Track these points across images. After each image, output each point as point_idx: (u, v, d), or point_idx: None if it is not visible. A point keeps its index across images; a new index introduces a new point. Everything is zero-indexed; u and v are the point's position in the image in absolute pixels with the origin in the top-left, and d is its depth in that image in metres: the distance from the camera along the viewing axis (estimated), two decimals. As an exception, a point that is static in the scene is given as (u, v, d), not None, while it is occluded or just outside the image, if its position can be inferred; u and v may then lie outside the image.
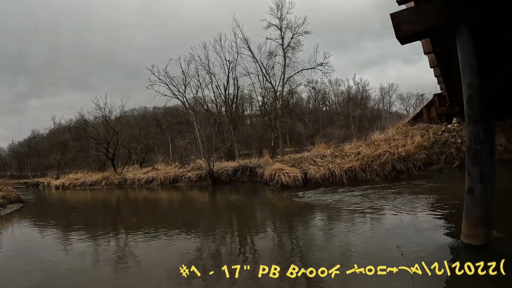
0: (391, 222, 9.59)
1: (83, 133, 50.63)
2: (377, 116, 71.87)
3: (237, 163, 29.73)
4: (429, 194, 13.06)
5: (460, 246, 6.71)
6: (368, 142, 23.11)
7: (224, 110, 44.65)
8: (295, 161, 23.69)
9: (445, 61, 12.40)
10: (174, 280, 6.63)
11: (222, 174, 27.91)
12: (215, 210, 17.49)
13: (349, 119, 76.11)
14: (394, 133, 23.18)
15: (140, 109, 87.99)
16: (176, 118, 74.13)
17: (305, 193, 16.81)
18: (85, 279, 7.11)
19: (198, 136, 30.01)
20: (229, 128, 41.21)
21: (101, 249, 10.03)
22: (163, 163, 40.41)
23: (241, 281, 6.42)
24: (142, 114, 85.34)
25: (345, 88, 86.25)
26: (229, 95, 42.99)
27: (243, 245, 9.47)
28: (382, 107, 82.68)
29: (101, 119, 47.47)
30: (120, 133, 46.28)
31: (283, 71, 39.95)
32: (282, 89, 41.05)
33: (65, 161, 59.66)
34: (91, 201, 27.13)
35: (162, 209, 18.81)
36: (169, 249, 9.40)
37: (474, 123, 6.51)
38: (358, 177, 19.07)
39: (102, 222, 15.72)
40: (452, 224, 8.63)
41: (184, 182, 30.64)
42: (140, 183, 34.54)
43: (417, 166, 18.54)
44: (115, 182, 37.55)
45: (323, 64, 39.12)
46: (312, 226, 10.68)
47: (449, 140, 19.62)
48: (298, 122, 67.58)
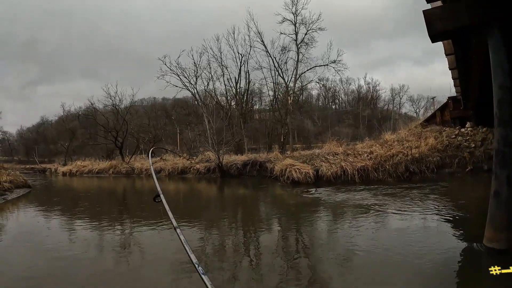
0: (407, 224, 9.40)
1: (92, 120, 50.87)
2: (387, 117, 71.66)
3: (247, 157, 29.78)
4: (444, 197, 12.89)
5: (483, 250, 6.54)
6: (381, 142, 22.89)
7: (234, 104, 44.59)
8: (306, 157, 23.63)
9: (463, 64, 12.40)
10: (176, 271, 6.63)
11: (231, 168, 27.83)
12: (224, 203, 17.42)
13: (358, 119, 75.91)
14: (407, 134, 22.97)
15: (149, 99, 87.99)
16: (185, 109, 74.07)
17: (317, 190, 16.72)
18: (88, 267, 7.07)
19: (208, 128, 30.04)
20: (239, 122, 41.19)
21: (105, 237, 9.92)
22: (171, 154, 40.43)
23: (243, 274, 6.47)
24: (151, 105, 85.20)
25: (356, 87, 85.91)
26: (240, 89, 43.05)
27: (248, 240, 9.41)
28: (392, 108, 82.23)
29: (111, 107, 47.66)
30: (129, 122, 46.34)
31: (296, 66, 39.69)
32: (294, 85, 40.86)
33: (73, 148, 59.92)
34: (98, 189, 27.12)
35: (169, 200, 18.23)
36: (173, 239, 9.23)
37: (503, 126, 6.38)
38: (370, 176, 18.88)
39: (108, 210, 15.66)
40: (472, 227, 8.45)
41: (192, 174, 30.63)
42: (148, 173, 34.44)
43: (430, 169, 18.32)
44: (123, 171, 37.69)
45: (336, 62, 38.80)
46: (325, 224, 10.60)
47: (462, 144, 19.40)
48: (307, 119, 67.30)
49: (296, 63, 39.55)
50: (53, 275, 6.67)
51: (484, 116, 18.93)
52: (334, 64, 38.86)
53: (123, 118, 44.81)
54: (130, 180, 31.91)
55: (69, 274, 6.70)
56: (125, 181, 31.37)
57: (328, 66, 39.20)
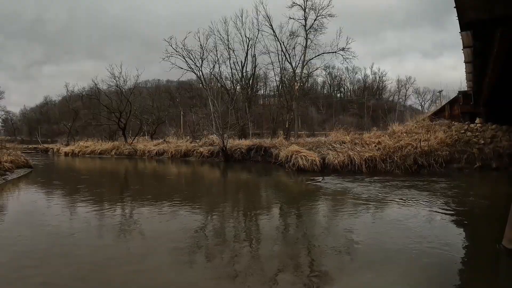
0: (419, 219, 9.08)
1: (95, 101, 50.72)
2: (392, 108, 71.28)
3: (251, 142, 29.70)
4: (453, 193, 12.55)
5: (503, 251, 6.29)
6: (389, 133, 22.58)
7: (239, 88, 44.25)
8: (312, 144, 23.46)
9: (482, 58, 12.08)
10: (176, 253, 6.62)
11: (235, 152, 27.81)
12: (228, 188, 17.33)
13: (363, 108, 75.72)
14: (415, 127, 22.62)
15: (153, 81, 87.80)
16: (190, 92, 74.08)
17: (324, 179, 16.57)
18: (88, 247, 7.04)
19: (213, 112, 29.85)
20: (244, 106, 40.85)
21: (106, 218, 9.84)
22: (175, 136, 40.24)
23: (242, 260, 6.37)
24: (156, 87, 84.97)
25: (362, 77, 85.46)
26: (246, 73, 42.58)
27: (251, 226, 9.31)
28: (397, 100, 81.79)
29: (115, 88, 47.39)
30: (132, 104, 46.05)
31: (304, 52, 38.97)
32: (301, 71, 40.37)
33: (75, 128, 59.64)
34: (100, 169, 27.07)
35: (171, 182, 18.67)
36: (174, 222, 9.36)
37: None
38: (378, 167, 18.56)
39: (109, 191, 15.61)
40: (488, 227, 8.25)
41: (195, 157, 30.71)
42: (150, 154, 34.57)
43: (439, 163, 17.97)
44: (125, 152, 37.58)
45: (345, 49, 38.09)
46: (330, 214, 10.45)
47: (471, 140, 19.07)
48: (312, 107, 67.01)
49: (304, 49, 38.89)
50: (53, 255, 6.63)
51: (495, 113, 18.75)
52: (342, 51, 38.22)
53: (127, 99, 44.51)
54: (132, 162, 31.78)
55: (68, 253, 6.67)
56: (127, 163, 31.24)
57: (336, 53, 38.61)
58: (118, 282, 5.45)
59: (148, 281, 5.45)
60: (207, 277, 5.63)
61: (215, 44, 40.68)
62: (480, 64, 13.23)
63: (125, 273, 5.79)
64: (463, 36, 12.22)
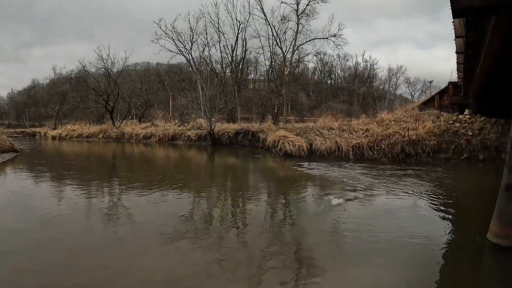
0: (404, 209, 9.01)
1: (83, 84, 49.92)
2: (382, 96, 71.25)
3: (239, 126, 29.62)
4: (439, 183, 12.47)
5: (487, 245, 6.20)
6: (377, 120, 22.48)
7: (229, 72, 43.89)
8: (299, 130, 23.38)
9: (474, 48, 12.02)
10: (163, 237, 6.56)
11: (223, 136, 27.80)
12: (215, 172, 17.22)
13: (353, 95, 75.49)
14: (404, 115, 22.49)
15: (143, 64, 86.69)
16: (179, 75, 73.62)
17: (310, 164, 16.54)
18: (70, 232, 6.86)
19: (201, 95, 29.61)
20: (233, 90, 40.57)
21: (94, 203, 9.65)
22: (163, 119, 39.97)
23: (228, 245, 6.35)
24: (145, 69, 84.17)
25: (353, 64, 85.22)
26: (236, 57, 42.23)
27: (237, 209, 9.32)
28: (388, 88, 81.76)
29: (103, 71, 46.71)
30: (121, 86, 45.54)
31: (295, 37, 38.80)
32: (292, 56, 40.12)
33: (63, 111, 59.01)
34: (87, 153, 26.69)
35: (158, 166, 18.49)
36: (162, 206, 9.24)
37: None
38: (365, 154, 18.49)
39: (97, 175, 15.24)
40: (474, 220, 8.09)
41: (183, 141, 30.64)
42: (138, 138, 34.40)
43: (426, 152, 17.93)
44: (113, 135, 37.27)
45: (337, 36, 37.98)
46: (315, 199, 10.28)
47: (459, 130, 18.98)
48: (302, 92, 66.73)
49: (295, 34, 38.69)
50: (32, 240, 6.43)
51: (484, 105, 18.66)
52: (334, 38, 38.11)
53: (115, 82, 43.93)
54: (120, 145, 31.52)
55: (48, 238, 6.54)
56: (115, 146, 30.98)
57: (328, 39, 38.44)
58: (93, 267, 5.27)
59: (124, 267, 5.31)
60: (188, 262, 5.53)
61: (205, 27, 40.65)
62: (471, 54, 13.09)
63: (103, 258, 5.63)
64: (456, 25, 12.07)
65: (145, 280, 4.91)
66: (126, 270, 5.23)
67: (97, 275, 5.03)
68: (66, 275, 5.03)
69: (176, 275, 5.11)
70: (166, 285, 4.84)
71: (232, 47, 41.45)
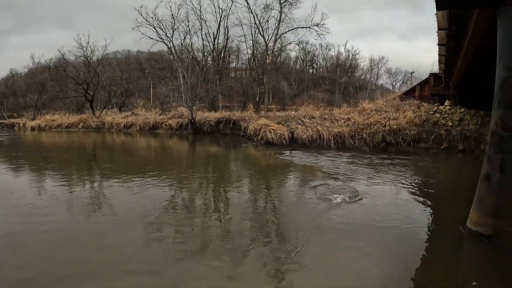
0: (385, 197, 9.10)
1: (63, 73, 48.69)
2: (363, 86, 71.67)
3: (220, 114, 29.62)
4: (419, 171, 12.70)
5: (467, 233, 6.34)
6: (359, 110, 22.63)
7: (210, 60, 43.60)
8: (281, 118, 23.46)
9: (456, 41, 12.29)
10: (145, 227, 6.59)
11: (204, 124, 27.76)
12: (196, 161, 17.16)
13: (334, 85, 75.87)
14: (385, 105, 22.69)
15: (123, 52, 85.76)
16: (160, 63, 73.06)
17: (292, 153, 16.72)
18: (51, 224, 6.78)
19: (182, 83, 29.34)
20: (215, 79, 40.32)
21: (76, 194, 9.45)
22: (144, 108, 39.63)
23: (211, 233, 6.39)
24: (125, 57, 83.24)
25: (335, 54, 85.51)
26: (218, 45, 41.90)
27: (219, 198, 9.37)
28: (369, 78, 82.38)
29: (82, 59, 45.59)
30: (101, 75, 44.78)
31: (277, 26, 38.47)
32: (274, 45, 39.90)
33: (42, 101, 57.85)
34: (67, 144, 26.16)
35: (139, 156, 18.32)
36: (144, 196, 9.13)
37: (504, 108, 6.01)
38: (346, 143, 18.67)
39: (77, 167, 14.94)
40: (453, 208, 8.16)
41: (163, 130, 30.45)
42: (119, 127, 33.94)
43: (407, 141, 18.13)
44: (93, 125, 36.62)
45: (319, 25, 37.70)
46: (296, 187, 10.44)
47: (440, 121, 19.17)
48: (283, 81, 66.78)
49: (278, 22, 38.39)
50: (13, 233, 6.38)
51: (464, 96, 19.03)
52: (317, 27, 37.76)
53: (95, 70, 43.04)
54: (100, 135, 31.07)
55: (29, 231, 6.50)
56: (95, 136, 30.49)
57: (310, 28, 38.15)
58: (76, 260, 5.22)
59: (107, 258, 5.27)
60: (171, 251, 5.53)
61: (187, 14, 40.41)
62: (453, 47, 13.32)
63: (85, 250, 5.57)
64: (439, 17, 12.19)
65: (128, 271, 4.91)
66: (109, 261, 5.19)
67: (80, 267, 5.00)
68: (49, 269, 5.00)
69: (159, 265, 5.08)
70: (149, 275, 4.81)
71: (214, 35, 41.05)
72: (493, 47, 6.36)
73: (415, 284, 4.73)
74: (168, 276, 4.81)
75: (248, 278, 4.83)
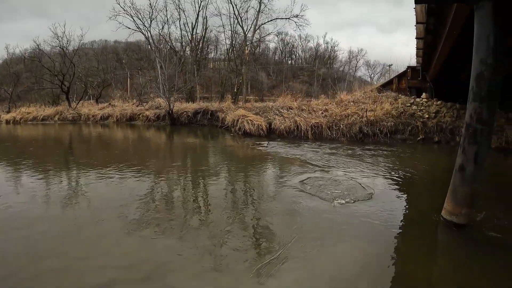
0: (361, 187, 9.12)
1: (38, 64, 47.73)
2: (341, 78, 72.00)
3: (198, 105, 29.46)
4: (395, 162, 12.93)
5: (442, 222, 6.56)
6: (336, 101, 22.89)
7: (189, 50, 43.29)
8: (259, 109, 23.49)
9: (434, 34, 12.46)
10: (122, 220, 6.60)
11: (182, 115, 27.63)
12: (174, 152, 17.09)
13: (313, 76, 75.87)
14: (363, 97, 23.03)
15: (100, 41, 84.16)
16: (137, 54, 72.16)
17: (269, 143, 16.84)
18: (25, 220, 6.67)
19: (160, 74, 29.12)
20: (193, 69, 40.00)
21: (52, 189, 9.26)
22: (121, 99, 39.18)
23: (189, 226, 6.44)
24: (102, 48, 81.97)
25: (314, 45, 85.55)
26: (196, 35, 41.56)
27: (197, 189, 9.40)
28: (347, 70, 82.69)
29: (58, 49, 44.65)
30: (77, 65, 44.04)
31: (256, 17, 38.31)
32: (253, 36, 39.76)
33: (17, 93, 56.73)
34: (43, 137, 25.72)
35: (116, 148, 18.14)
36: (121, 188, 9.09)
37: (479, 101, 6.16)
38: (323, 134, 18.89)
39: (53, 160, 14.74)
40: (429, 198, 8.38)
41: (141, 121, 30.09)
42: (95, 119, 33.47)
43: (383, 133, 18.50)
44: (69, 117, 36.00)
45: (299, 17, 37.67)
46: (274, 178, 10.51)
47: (416, 113, 19.58)
48: (262, 72, 66.68)
49: (257, 13, 38.23)
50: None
51: (441, 89, 19.37)
52: (296, 18, 37.73)
53: (71, 61, 42.30)
54: (77, 127, 30.57)
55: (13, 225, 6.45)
56: (71, 128, 29.98)
57: (290, 19, 38.10)
58: (52, 255, 5.18)
59: (83, 253, 5.22)
60: (148, 245, 5.51)
61: (165, 4, 40.18)
62: (431, 40, 13.51)
63: (61, 245, 5.52)
64: (417, 11, 12.29)
65: (105, 265, 4.87)
66: (85, 256, 5.14)
67: (56, 263, 4.95)
68: (24, 265, 4.92)
69: (135, 258, 5.07)
70: (126, 269, 4.80)
71: (192, 25, 40.57)
72: (470, 42, 6.47)
73: (391, 273, 4.82)
74: (144, 269, 4.78)
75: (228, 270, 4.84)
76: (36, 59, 46.29)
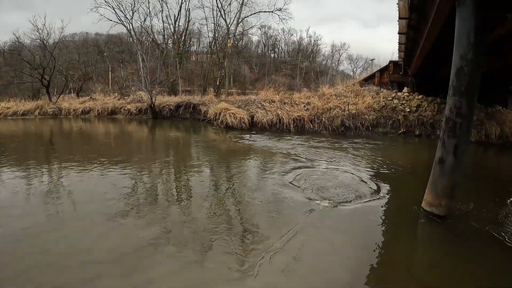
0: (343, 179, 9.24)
1: (18, 57, 46.95)
2: (324, 72, 72.26)
3: (180, 98, 29.34)
4: (379, 156, 12.93)
5: (422, 213, 6.71)
6: (319, 94, 23.02)
7: (171, 43, 43.01)
8: (241, 102, 23.51)
9: (416, 30, 12.58)
10: (104, 215, 6.53)
11: (164, 109, 27.47)
12: (156, 146, 16.95)
13: (295, 69, 76.07)
14: (345, 90, 23.26)
15: (81, 34, 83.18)
16: (119, 46, 71.52)
17: (252, 137, 16.92)
18: (5, 218, 6.56)
19: (142, 67, 28.95)
20: (175, 62, 39.79)
21: (33, 185, 9.08)
22: (102, 93, 38.81)
23: (171, 220, 6.41)
24: (83, 40, 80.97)
25: (297, 39, 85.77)
26: (179, 27, 41.32)
27: (180, 183, 9.33)
28: (330, 64, 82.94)
29: (38, 42, 43.86)
30: (57, 59, 43.32)
31: (240, 9, 37.93)
32: (236, 29, 39.52)
33: (-4, 88, 55.99)
34: (23, 132, 25.35)
35: (98, 142, 17.91)
36: (103, 183, 9.01)
37: (459, 96, 6.31)
38: (306, 127, 19.12)
39: (34, 155, 14.46)
40: (409, 190, 8.61)
41: (122, 115, 29.81)
42: (76, 113, 33.04)
43: (365, 126, 18.79)
44: (50, 112, 35.44)
45: (282, 10, 37.61)
46: (256, 171, 10.53)
47: (398, 107, 19.90)
48: (244, 65, 66.61)
49: (240, 6, 37.85)
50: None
51: (422, 84, 19.66)
52: (279, 11, 37.65)
53: (51, 54, 41.53)
54: (57, 122, 30.18)
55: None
56: (52, 123, 29.55)
57: (273, 13, 38.05)
58: (35, 252, 5.11)
59: (66, 249, 5.19)
60: (130, 239, 5.50)
61: (148, -5, 39.17)
62: (413, 36, 13.67)
63: (44, 242, 5.46)
64: (400, 7, 12.46)
65: (87, 261, 4.85)
66: (68, 252, 5.10)
67: (38, 260, 4.91)
68: (6, 263, 4.87)
69: (118, 253, 5.04)
70: (108, 264, 4.78)
71: (175, 17, 40.54)
72: (451, 38, 6.56)
73: (373, 264, 4.88)
74: (127, 264, 4.77)
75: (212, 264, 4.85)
76: (15, 52, 45.45)
